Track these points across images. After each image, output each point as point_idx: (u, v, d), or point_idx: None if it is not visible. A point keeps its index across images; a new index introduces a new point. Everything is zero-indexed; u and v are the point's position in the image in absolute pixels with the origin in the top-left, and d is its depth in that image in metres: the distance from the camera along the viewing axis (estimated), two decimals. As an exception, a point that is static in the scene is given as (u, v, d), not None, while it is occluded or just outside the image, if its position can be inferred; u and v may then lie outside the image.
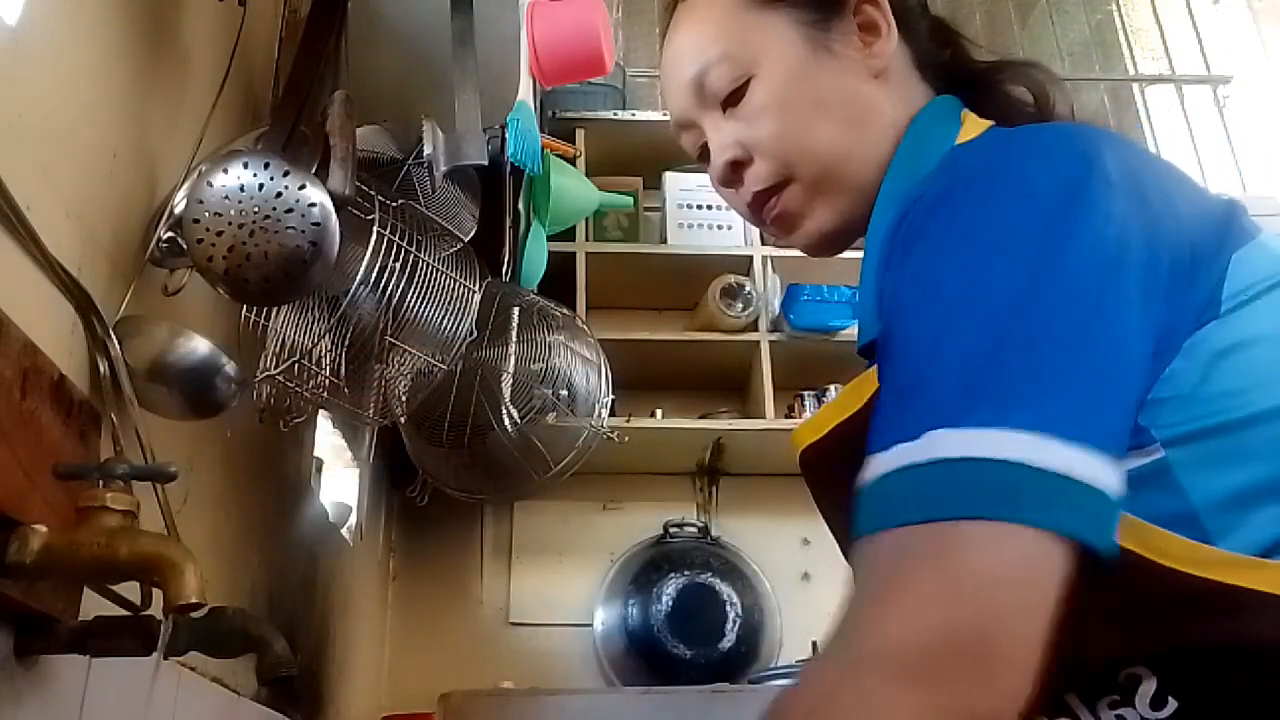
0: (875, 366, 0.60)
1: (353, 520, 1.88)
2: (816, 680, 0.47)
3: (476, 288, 1.17)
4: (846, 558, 0.69)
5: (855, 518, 0.49)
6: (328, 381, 1.13)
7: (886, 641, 0.44)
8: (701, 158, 0.79)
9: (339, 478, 1.87)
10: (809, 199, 0.73)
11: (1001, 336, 0.49)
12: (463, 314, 1.15)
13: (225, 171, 0.78)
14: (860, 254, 0.69)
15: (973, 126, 0.69)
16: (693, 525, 2.47)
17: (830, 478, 0.69)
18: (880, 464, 0.49)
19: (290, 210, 0.77)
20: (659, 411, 2.36)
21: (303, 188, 0.78)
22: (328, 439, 1.75)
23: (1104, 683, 0.53)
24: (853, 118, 0.72)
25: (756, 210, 0.75)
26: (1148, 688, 0.51)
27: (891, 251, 0.58)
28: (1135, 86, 3.06)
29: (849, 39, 0.73)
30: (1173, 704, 0.50)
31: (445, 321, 1.14)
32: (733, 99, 0.73)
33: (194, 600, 0.59)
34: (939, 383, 0.49)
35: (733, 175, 0.75)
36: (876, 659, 0.44)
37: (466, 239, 1.30)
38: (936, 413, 0.48)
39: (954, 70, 0.78)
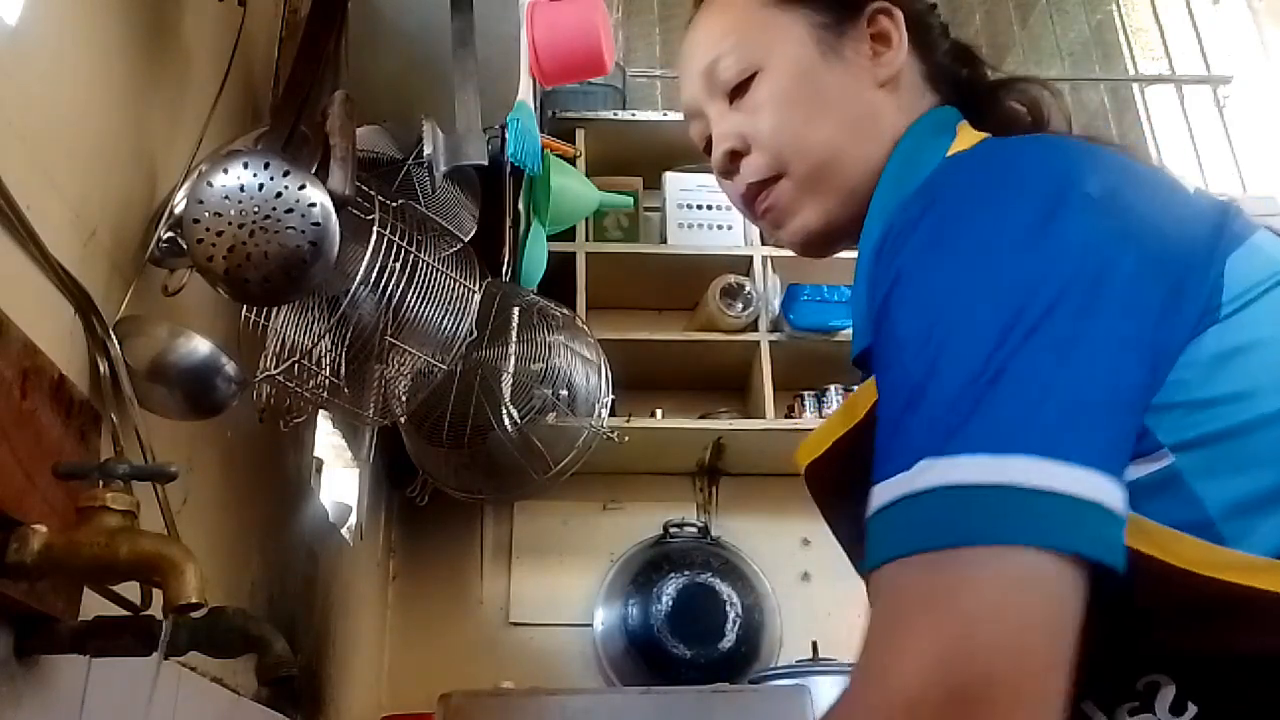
0: (873, 378, 0.60)
1: (353, 520, 1.88)
2: None
3: (476, 288, 1.17)
4: (857, 570, 0.69)
5: (865, 550, 0.50)
6: (328, 381, 1.13)
7: (898, 692, 0.44)
8: (706, 149, 0.81)
9: (339, 478, 1.87)
10: (798, 196, 0.74)
11: (988, 358, 0.48)
12: (463, 314, 1.15)
13: (225, 171, 0.78)
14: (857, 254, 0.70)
15: (966, 138, 0.69)
16: (693, 525, 2.47)
17: (834, 491, 0.69)
18: (880, 495, 0.49)
19: (290, 210, 0.77)
20: (659, 411, 2.36)
21: (303, 188, 0.78)
22: (328, 439, 1.75)
23: (1123, 690, 0.53)
24: (851, 121, 0.73)
25: (749, 203, 0.77)
26: (1167, 694, 0.51)
27: (878, 264, 0.58)
28: (1135, 86, 3.07)
29: (860, 46, 0.75)
30: (1193, 709, 0.50)
31: (445, 321, 1.14)
32: (739, 91, 0.75)
33: (194, 600, 0.59)
34: (929, 409, 0.49)
35: (730, 165, 0.77)
36: (893, 710, 0.43)
37: (466, 239, 1.30)
38: (928, 440, 0.48)
39: (967, 87, 0.80)
